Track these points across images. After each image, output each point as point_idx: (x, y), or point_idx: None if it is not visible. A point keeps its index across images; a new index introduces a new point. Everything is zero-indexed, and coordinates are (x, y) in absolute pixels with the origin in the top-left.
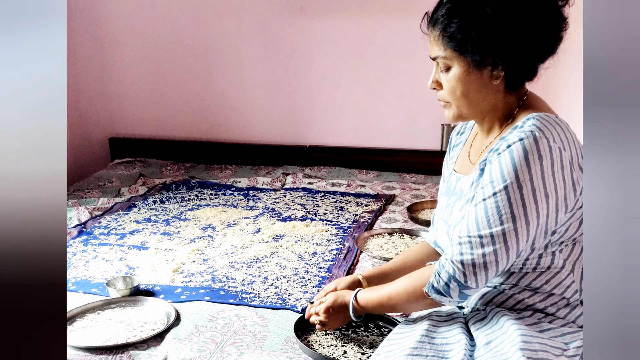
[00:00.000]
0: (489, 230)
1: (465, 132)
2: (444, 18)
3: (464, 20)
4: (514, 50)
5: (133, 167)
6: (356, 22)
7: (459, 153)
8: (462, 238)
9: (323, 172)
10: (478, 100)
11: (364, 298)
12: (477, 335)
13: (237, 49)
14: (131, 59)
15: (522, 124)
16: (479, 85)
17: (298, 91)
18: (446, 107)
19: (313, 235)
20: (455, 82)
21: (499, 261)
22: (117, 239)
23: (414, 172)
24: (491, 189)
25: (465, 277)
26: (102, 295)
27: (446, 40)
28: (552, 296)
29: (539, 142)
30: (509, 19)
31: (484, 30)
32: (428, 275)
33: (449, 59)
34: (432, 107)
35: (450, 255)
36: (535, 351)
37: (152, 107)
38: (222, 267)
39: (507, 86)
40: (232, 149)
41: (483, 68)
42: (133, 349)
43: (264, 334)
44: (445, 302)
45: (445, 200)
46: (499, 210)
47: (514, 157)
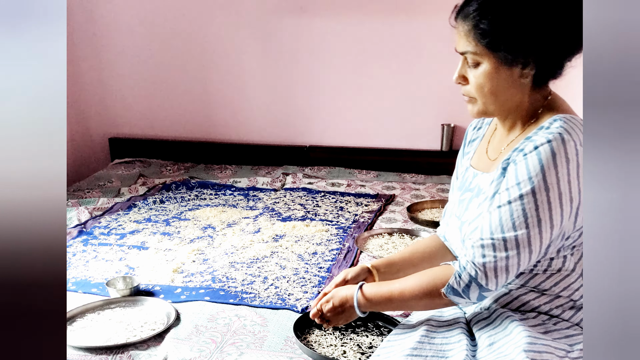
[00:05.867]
0: (514, 234)
1: (482, 127)
2: (476, 13)
3: (498, 17)
4: (547, 50)
5: (133, 167)
6: (356, 22)
7: (475, 148)
8: (484, 240)
9: (323, 172)
10: (505, 98)
11: (371, 291)
12: (479, 336)
13: (237, 49)
14: (131, 59)
15: (548, 125)
16: (508, 82)
17: (298, 91)
18: (471, 103)
19: (313, 235)
20: (484, 79)
21: (520, 264)
22: (117, 239)
23: (414, 172)
24: (517, 190)
25: (486, 280)
26: (102, 295)
27: (478, 36)
28: (558, 298)
29: (567, 144)
30: (543, 17)
31: (520, 30)
32: (445, 275)
33: (479, 55)
34: (432, 107)
35: (471, 257)
36: (539, 352)
37: (152, 107)
38: (222, 267)
39: (535, 84)
40: (232, 149)
41: (514, 66)
42: (133, 349)
43: (264, 334)
44: (462, 303)
45: (458, 195)
46: (525, 214)
47: (542, 158)
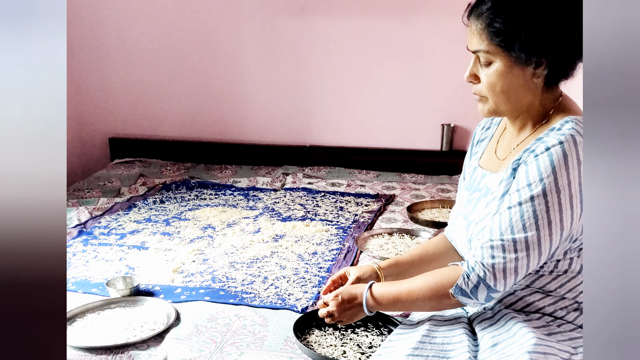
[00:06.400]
0: (524, 235)
1: (491, 127)
2: (490, 12)
3: (512, 16)
4: (561, 50)
5: (133, 167)
6: (356, 22)
7: (484, 148)
8: (494, 241)
9: (323, 172)
10: (517, 98)
11: (379, 291)
12: (482, 336)
13: (237, 49)
14: (131, 59)
15: (560, 127)
16: (520, 82)
17: (298, 91)
18: (481, 102)
19: (313, 235)
20: (496, 78)
21: (529, 266)
22: (117, 239)
23: (414, 172)
24: (528, 192)
25: (495, 281)
26: (102, 295)
27: (491, 35)
28: (563, 300)
29: (579, 146)
30: (558, 17)
31: (534, 29)
32: (454, 275)
33: (491, 54)
34: (432, 107)
35: (480, 258)
36: (544, 354)
37: (152, 107)
38: (222, 267)
39: (546, 84)
40: (232, 149)
41: (527, 66)
42: (133, 349)
43: (264, 334)
44: (470, 303)
45: (466, 195)
46: (535, 215)
47: (554, 160)
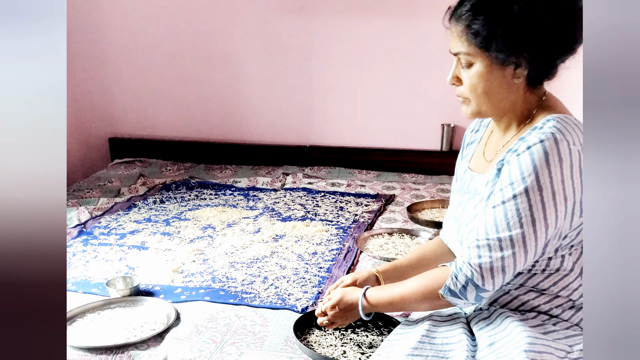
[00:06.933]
0: (509, 233)
1: (480, 130)
2: (469, 14)
3: (490, 17)
4: (538, 50)
5: (133, 167)
6: (356, 22)
7: (473, 151)
8: (480, 241)
9: (323, 172)
10: (499, 98)
11: (374, 296)
12: (479, 336)
13: (237, 49)
14: (131, 59)
15: (541, 125)
16: (501, 83)
17: (298, 91)
18: (465, 103)
19: (313, 235)
20: (477, 79)
21: (517, 264)
22: (117, 239)
23: (414, 172)
24: (511, 190)
25: (483, 280)
26: (102, 295)
27: (470, 36)
28: (557, 298)
29: (560, 144)
30: (535, 18)
31: (511, 29)
32: (443, 276)
33: (471, 55)
34: (432, 107)
35: (467, 258)
36: (540, 353)
37: (152, 107)
38: (222, 267)
39: (528, 84)
40: (232, 149)
41: (506, 66)
42: (133, 349)
43: (264, 334)
44: (460, 304)
45: (457, 198)
46: (519, 213)
47: (535, 158)
